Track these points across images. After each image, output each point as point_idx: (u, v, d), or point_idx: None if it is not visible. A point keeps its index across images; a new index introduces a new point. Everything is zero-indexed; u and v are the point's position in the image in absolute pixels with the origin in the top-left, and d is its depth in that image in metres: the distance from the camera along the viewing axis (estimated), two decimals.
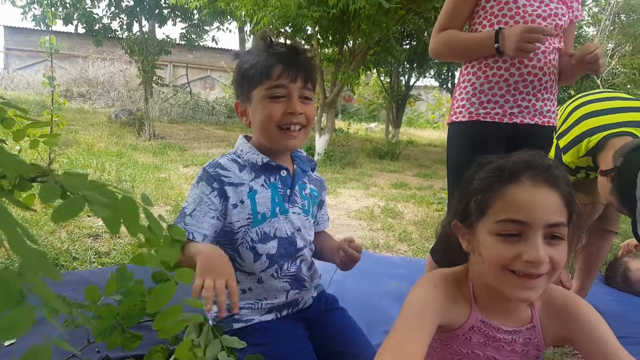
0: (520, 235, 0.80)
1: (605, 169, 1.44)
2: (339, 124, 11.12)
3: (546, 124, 1.45)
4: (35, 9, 6.62)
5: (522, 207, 0.79)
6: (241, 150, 1.18)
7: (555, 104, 1.50)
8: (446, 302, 0.89)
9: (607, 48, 9.27)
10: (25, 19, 6.86)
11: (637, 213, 1.33)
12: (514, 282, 0.80)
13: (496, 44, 1.34)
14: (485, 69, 1.42)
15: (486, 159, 0.90)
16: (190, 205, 1.09)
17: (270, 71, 1.08)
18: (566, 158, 1.61)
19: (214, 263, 0.94)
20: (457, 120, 1.49)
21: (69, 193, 0.43)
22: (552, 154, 1.70)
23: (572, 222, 0.83)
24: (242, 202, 1.12)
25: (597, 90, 1.81)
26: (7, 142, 0.77)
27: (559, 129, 1.71)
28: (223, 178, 1.11)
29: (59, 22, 6.41)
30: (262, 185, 1.15)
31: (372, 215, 3.48)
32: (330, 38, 6.70)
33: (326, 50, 7.02)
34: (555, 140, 1.69)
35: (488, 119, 1.42)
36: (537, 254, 0.77)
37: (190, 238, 1.05)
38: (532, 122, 1.42)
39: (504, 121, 1.41)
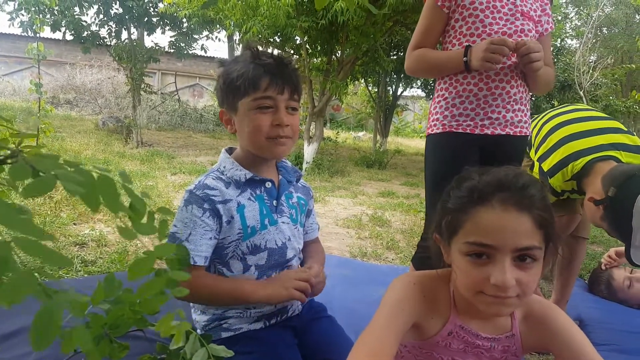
0: (489, 257, 0.80)
1: (597, 197, 1.46)
2: (328, 132, 11.14)
3: (518, 134, 1.51)
4: (23, 15, 6.54)
5: (490, 231, 0.79)
6: (224, 167, 1.17)
7: (528, 114, 1.55)
8: (423, 300, 0.91)
9: (590, 60, 9.48)
10: (13, 25, 6.76)
11: (633, 240, 1.37)
12: (487, 301, 0.81)
13: (465, 57, 1.40)
14: (456, 84, 1.48)
15: (465, 174, 0.89)
16: (183, 230, 1.08)
17: (258, 82, 1.08)
18: (553, 182, 1.63)
19: (272, 283, 1.14)
20: (432, 132, 1.56)
21: (41, 174, 0.42)
22: (535, 175, 1.71)
23: (548, 242, 0.82)
24: (232, 217, 1.12)
25: (571, 108, 1.83)
26: None
27: (537, 148, 1.73)
28: (212, 198, 1.10)
29: (47, 28, 6.32)
30: (249, 198, 1.16)
31: (360, 224, 3.50)
32: (319, 48, 6.74)
33: (315, 60, 7.06)
34: (537, 163, 1.72)
35: (460, 130, 1.48)
36: (503, 278, 0.77)
37: (192, 263, 1.06)
38: (503, 133, 1.48)
39: (476, 132, 1.47)
